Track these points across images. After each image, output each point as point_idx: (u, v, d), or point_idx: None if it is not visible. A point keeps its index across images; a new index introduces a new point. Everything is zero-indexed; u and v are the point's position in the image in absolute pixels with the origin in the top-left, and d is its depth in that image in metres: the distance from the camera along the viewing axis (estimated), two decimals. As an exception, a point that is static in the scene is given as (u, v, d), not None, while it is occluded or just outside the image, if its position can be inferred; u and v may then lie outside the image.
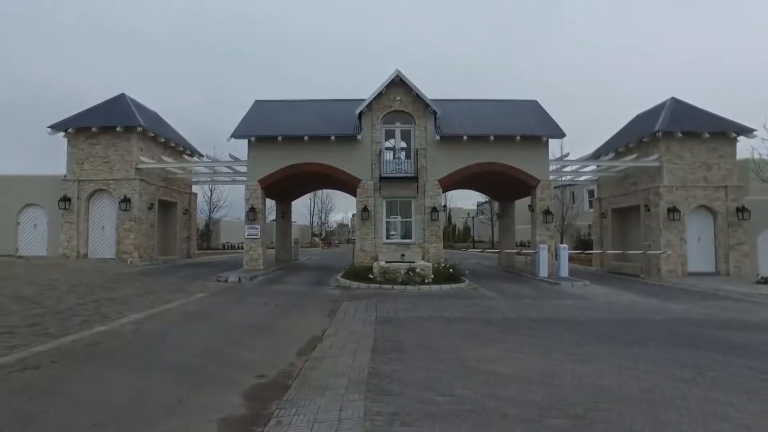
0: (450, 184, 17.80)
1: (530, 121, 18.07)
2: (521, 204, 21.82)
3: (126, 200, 18.05)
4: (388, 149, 17.26)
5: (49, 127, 18.58)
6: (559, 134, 17.18)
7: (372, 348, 5.93)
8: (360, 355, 5.60)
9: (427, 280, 13.01)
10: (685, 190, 16.87)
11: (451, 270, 14.08)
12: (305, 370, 5.09)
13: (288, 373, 5.03)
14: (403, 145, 17.33)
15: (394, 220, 17.16)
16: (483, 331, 7.23)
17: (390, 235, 17.04)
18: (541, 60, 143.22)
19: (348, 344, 6.22)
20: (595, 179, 21.98)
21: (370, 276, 13.56)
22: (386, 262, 14.34)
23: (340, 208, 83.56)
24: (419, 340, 6.50)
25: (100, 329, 6.93)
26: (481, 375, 4.82)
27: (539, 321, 8.24)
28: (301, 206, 53.76)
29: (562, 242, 24.72)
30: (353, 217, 51.20)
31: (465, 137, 16.56)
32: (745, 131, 16.88)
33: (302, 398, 4.17)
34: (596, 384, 4.58)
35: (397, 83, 16.78)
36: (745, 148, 17.34)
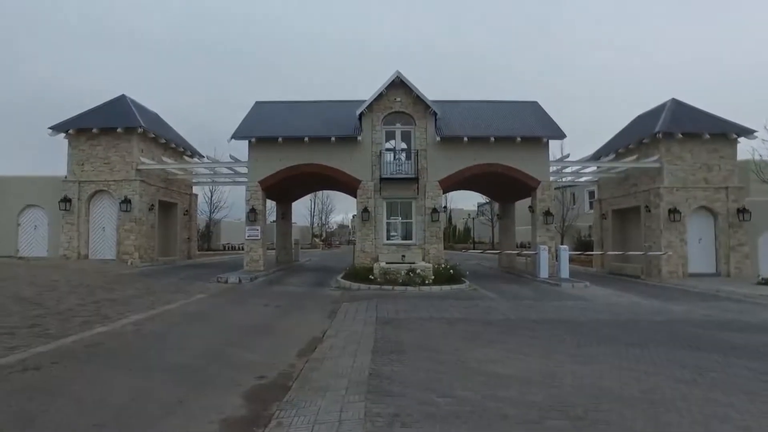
0: (450, 185, 17.81)
1: (530, 122, 18.08)
2: (522, 205, 21.82)
3: (126, 201, 18.07)
4: (388, 150, 17.27)
5: (50, 128, 18.60)
6: (560, 135, 17.19)
7: (372, 349, 5.93)
8: (360, 356, 5.60)
9: (427, 281, 13.01)
10: (686, 191, 16.87)
11: (451, 271, 14.08)
12: (306, 371, 5.09)
13: (288, 374, 5.03)
14: (404, 146, 17.34)
15: (394, 221, 17.16)
16: (483, 332, 7.23)
17: (390, 236, 17.04)
18: (541, 60, 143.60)
19: (348, 345, 6.22)
20: (596, 180, 21.99)
21: (371, 277, 13.56)
22: (387, 263, 14.34)
23: (340, 209, 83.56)
24: (420, 341, 6.50)
25: (100, 330, 6.93)
26: (481, 376, 4.82)
27: (540, 322, 8.24)
28: (301, 207, 53.87)
29: (562, 243, 24.70)
30: (353, 218, 51.20)
31: (465, 138, 16.57)
32: (746, 132, 16.88)
33: (303, 399, 4.17)
34: (597, 385, 4.58)
35: (398, 84, 16.79)
36: (745, 149, 17.40)
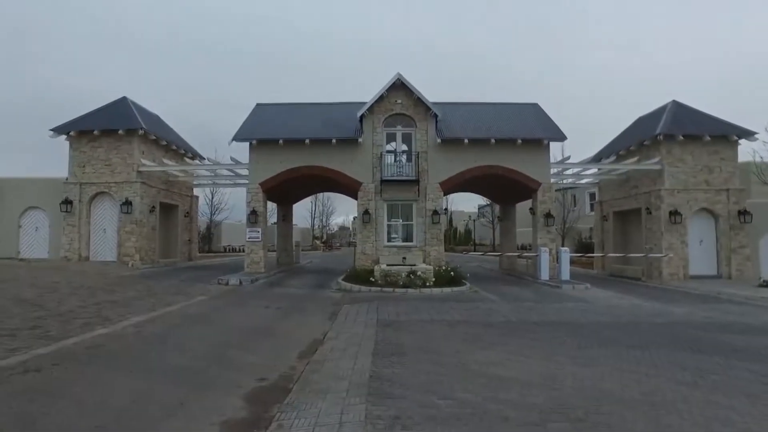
0: (451, 187, 17.81)
1: (531, 124, 18.09)
2: (522, 207, 21.81)
3: (127, 203, 18.09)
4: (389, 152, 17.29)
5: (51, 130, 18.64)
6: (560, 137, 17.19)
7: (373, 351, 5.93)
8: (361, 358, 5.60)
9: (428, 283, 13.01)
10: (687, 193, 16.86)
11: (452, 273, 14.08)
12: (306, 374, 5.08)
13: (289, 376, 5.03)
14: (404, 148, 17.35)
15: (395, 223, 17.16)
16: (484, 334, 7.23)
17: (391, 238, 17.04)
18: (541, 60, 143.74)
19: (349, 347, 6.22)
20: (597, 182, 21.98)
21: (372, 279, 13.55)
22: (387, 265, 14.34)
23: (341, 211, 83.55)
24: (420, 343, 6.50)
25: (101, 332, 6.93)
26: (482, 378, 4.82)
27: (540, 324, 8.23)
28: (302, 209, 53.93)
29: (563, 245, 24.70)
30: (354, 220, 51.29)
31: (466, 140, 16.59)
32: (747, 134, 16.87)
33: (303, 401, 4.16)
34: (597, 387, 4.57)
35: (398, 86, 16.82)
36: (746, 151, 17.37)
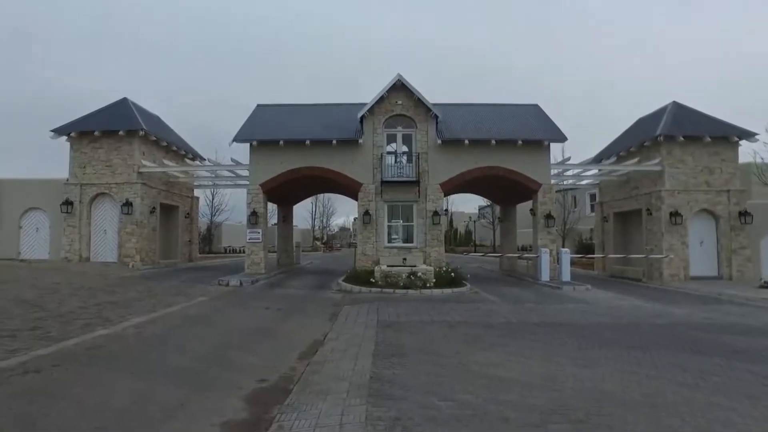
0: (451, 188, 17.81)
1: (532, 125, 18.09)
2: (523, 208, 21.80)
3: (128, 204, 18.11)
4: (389, 153, 17.29)
5: (52, 131, 18.68)
6: (561, 138, 17.18)
7: (373, 352, 5.92)
8: (361, 359, 5.59)
9: (428, 284, 13.00)
10: (687, 194, 16.85)
11: (452, 274, 14.07)
12: (307, 375, 5.08)
13: (289, 378, 5.03)
14: (405, 149, 17.36)
15: (395, 224, 17.16)
16: (484, 336, 7.22)
17: (391, 239, 17.03)
18: (542, 60, 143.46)
19: (349, 348, 6.21)
20: (597, 183, 21.98)
21: (372, 280, 13.55)
22: (388, 266, 14.34)
23: (341, 212, 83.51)
24: (421, 344, 6.49)
25: (101, 333, 6.93)
26: (482, 379, 4.81)
27: (541, 325, 8.22)
28: (302, 210, 53.92)
29: (563, 246, 24.68)
30: (355, 221, 51.30)
31: (466, 141, 16.59)
32: (747, 135, 16.87)
33: (304, 402, 4.16)
34: (598, 388, 4.56)
35: (399, 87, 16.82)
36: (747, 152, 17.37)
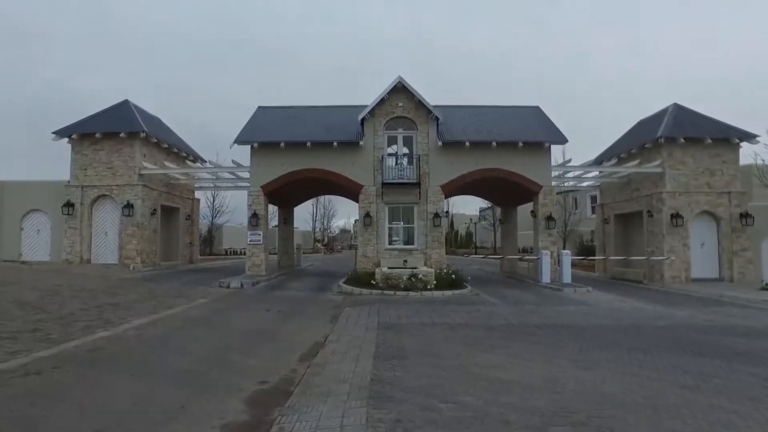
0: (452, 190, 17.82)
1: (532, 127, 18.11)
2: (524, 210, 21.81)
3: (129, 206, 18.13)
4: (390, 155, 17.30)
5: (54, 133, 18.73)
6: (561, 140, 17.19)
7: (374, 354, 5.92)
8: (362, 361, 5.59)
9: (429, 286, 12.99)
10: (688, 195, 16.84)
11: (453, 276, 14.07)
12: (307, 377, 5.08)
13: (290, 379, 5.03)
14: (406, 151, 17.37)
15: (396, 226, 17.16)
16: (485, 338, 7.21)
17: (392, 241, 17.04)
18: (541, 60, 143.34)
19: (350, 350, 6.21)
20: (598, 185, 21.97)
21: (373, 282, 13.55)
22: (389, 268, 14.33)
23: (342, 213, 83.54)
24: (421, 346, 6.48)
25: (102, 335, 6.94)
26: (483, 381, 4.80)
27: (542, 327, 8.21)
28: (303, 212, 53.89)
29: (564, 248, 24.60)
30: (355, 222, 51.29)
31: (467, 143, 16.60)
32: (748, 137, 16.85)
33: (304, 404, 4.16)
34: (599, 391, 4.55)
35: (399, 89, 16.85)
36: (748, 154, 17.36)
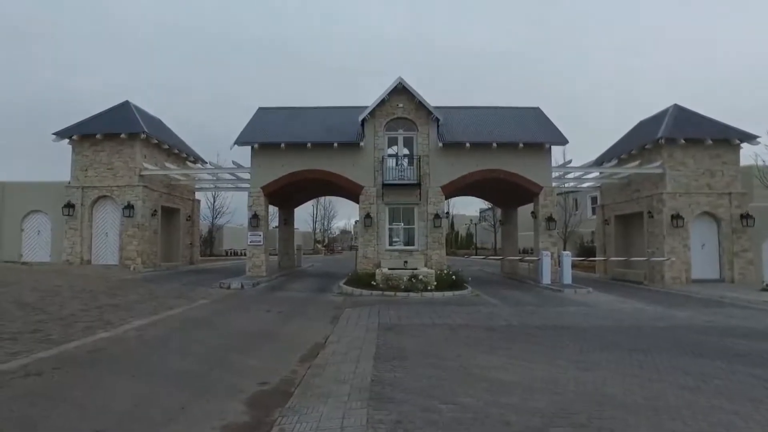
0: (453, 190, 17.82)
1: (533, 128, 18.11)
2: (524, 211, 21.79)
3: (129, 207, 18.14)
4: (390, 156, 17.30)
5: (54, 134, 18.74)
6: (562, 141, 17.19)
7: (374, 355, 5.91)
8: (362, 362, 5.58)
9: (429, 287, 12.99)
10: (689, 196, 16.83)
11: (453, 277, 14.07)
12: (308, 378, 5.08)
13: (290, 381, 5.02)
14: (406, 152, 17.39)
15: (396, 226, 17.16)
16: (486, 339, 7.20)
17: (393, 242, 17.04)
18: (542, 60, 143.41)
19: (350, 351, 6.20)
20: (598, 186, 21.97)
21: (373, 283, 13.54)
22: (389, 269, 14.32)
23: (342, 214, 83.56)
24: (422, 347, 6.48)
25: (103, 335, 6.94)
26: (483, 382, 4.80)
27: (542, 328, 8.20)
28: (303, 213, 53.90)
29: (565, 249, 24.59)
30: (356, 223, 51.29)
31: (467, 144, 16.61)
32: (749, 138, 16.85)
33: (305, 405, 4.15)
34: (600, 392, 4.55)
35: (400, 90, 16.87)
36: (748, 155, 17.36)
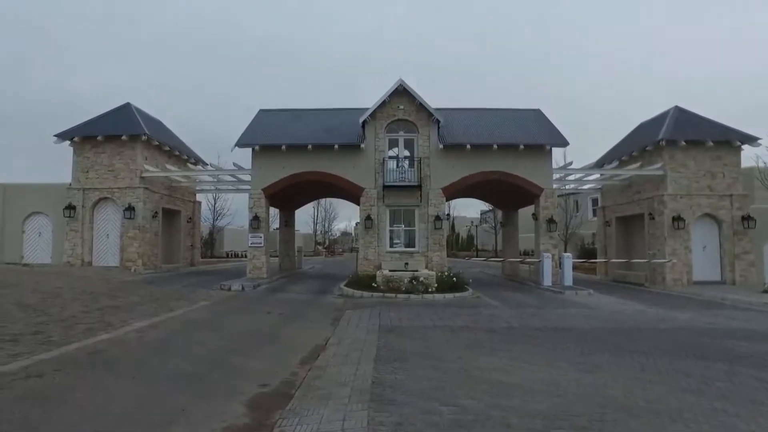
0: (453, 192, 17.82)
1: (533, 129, 18.12)
2: (525, 212, 21.80)
3: (130, 208, 18.16)
4: (391, 158, 17.31)
5: (56, 135, 18.78)
6: (563, 143, 17.20)
7: (375, 357, 5.91)
8: (363, 364, 5.58)
9: (430, 289, 12.98)
10: (690, 198, 16.81)
11: (454, 279, 14.05)
12: (308, 380, 5.07)
13: (291, 383, 5.01)
14: (407, 153, 17.40)
15: (397, 228, 17.17)
16: (487, 340, 7.20)
17: (393, 244, 17.04)
18: (541, 61, 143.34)
19: (351, 353, 6.20)
20: (599, 188, 21.96)
21: (374, 285, 13.54)
22: (390, 271, 14.32)
23: (343, 216, 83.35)
24: (422, 349, 6.47)
25: (103, 337, 6.94)
26: (484, 384, 4.79)
27: (543, 330, 8.19)
28: (304, 215, 53.84)
29: (565, 251, 24.56)
30: (356, 225, 51.27)
31: (468, 146, 16.61)
32: (750, 140, 16.84)
33: (305, 408, 4.15)
34: (601, 394, 4.54)
35: (401, 92, 16.88)
36: (749, 156, 17.35)
